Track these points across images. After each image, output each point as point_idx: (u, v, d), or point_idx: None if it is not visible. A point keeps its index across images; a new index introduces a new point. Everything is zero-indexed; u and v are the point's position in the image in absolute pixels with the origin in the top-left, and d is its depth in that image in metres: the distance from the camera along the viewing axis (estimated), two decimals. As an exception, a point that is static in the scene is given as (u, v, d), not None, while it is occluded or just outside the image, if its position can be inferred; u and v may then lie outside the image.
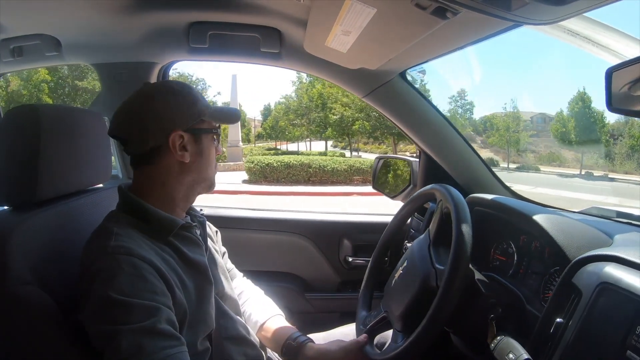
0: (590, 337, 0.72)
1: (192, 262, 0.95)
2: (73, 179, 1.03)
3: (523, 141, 28.47)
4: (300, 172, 15.45)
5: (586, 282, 0.76)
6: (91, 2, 1.31)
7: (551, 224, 0.97)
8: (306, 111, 30.25)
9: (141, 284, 0.78)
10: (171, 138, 0.93)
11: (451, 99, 32.15)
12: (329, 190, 13.74)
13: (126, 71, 1.65)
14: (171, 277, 0.85)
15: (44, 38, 1.54)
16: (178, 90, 0.98)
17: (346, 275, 1.84)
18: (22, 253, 0.83)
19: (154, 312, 0.76)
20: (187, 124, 0.96)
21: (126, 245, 0.81)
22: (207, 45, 1.54)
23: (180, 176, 0.97)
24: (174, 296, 0.84)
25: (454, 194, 1.00)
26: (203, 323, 0.93)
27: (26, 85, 23.79)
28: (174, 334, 0.78)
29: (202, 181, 1.02)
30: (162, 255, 0.88)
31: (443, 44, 1.18)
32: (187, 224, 0.97)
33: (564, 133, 25.72)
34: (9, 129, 0.91)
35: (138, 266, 0.79)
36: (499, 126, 28.56)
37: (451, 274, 0.85)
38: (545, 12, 0.74)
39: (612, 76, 0.77)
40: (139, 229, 0.89)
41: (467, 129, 31.08)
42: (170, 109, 0.95)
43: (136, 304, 0.75)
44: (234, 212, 1.87)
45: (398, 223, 1.30)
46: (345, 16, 1.00)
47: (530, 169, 25.63)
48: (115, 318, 0.74)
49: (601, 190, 18.27)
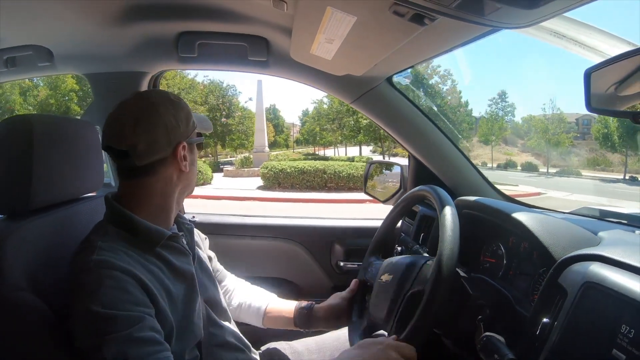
0: (576, 336, 0.72)
1: (179, 271, 0.95)
2: (66, 187, 1.04)
3: (564, 144, 27.51)
4: (315, 178, 15.29)
5: (571, 282, 0.76)
6: (82, 13, 1.33)
7: (536, 225, 0.97)
8: (337, 116, 30.17)
9: (122, 296, 0.79)
10: (179, 149, 0.95)
11: (491, 101, 31.75)
12: (342, 197, 13.39)
13: (117, 81, 1.66)
14: (155, 289, 0.85)
15: (36, 49, 1.56)
16: (176, 102, 0.98)
17: (338, 279, 1.85)
18: (16, 260, 0.84)
19: (137, 321, 0.77)
20: (187, 135, 0.98)
21: (108, 259, 0.82)
22: (196, 55, 1.55)
23: (176, 186, 0.99)
24: (158, 307, 0.85)
25: (442, 196, 1.01)
26: (190, 333, 0.93)
27: (55, 94, 24.10)
28: (158, 340, 0.79)
29: (189, 188, 1.05)
30: (148, 267, 0.88)
31: (426, 49, 1.20)
32: (174, 234, 0.98)
33: (607, 134, 24.86)
34: (3, 139, 0.92)
35: (119, 279, 0.80)
36: (537, 128, 27.90)
37: (437, 280, 0.86)
38: (519, 16, 0.75)
39: (590, 77, 0.79)
40: (126, 241, 0.89)
41: (506, 132, 30.69)
42: (176, 120, 0.95)
43: (118, 315, 0.77)
44: (225, 219, 1.88)
45: (388, 226, 1.31)
46: (327, 24, 1.01)
47: (570, 173, 24.72)
48: (99, 330, 0.75)
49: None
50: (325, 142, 35.45)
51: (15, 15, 1.33)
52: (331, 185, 15.13)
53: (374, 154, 34.97)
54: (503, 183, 17.30)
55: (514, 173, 25.75)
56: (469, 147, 30.89)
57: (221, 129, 28.18)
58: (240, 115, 30.31)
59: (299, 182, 15.27)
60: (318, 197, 13.37)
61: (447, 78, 29.73)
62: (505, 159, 29.96)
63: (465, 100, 32.28)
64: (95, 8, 1.31)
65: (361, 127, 27.71)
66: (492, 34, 1.01)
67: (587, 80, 0.78)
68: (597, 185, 21.20)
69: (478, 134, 30.80)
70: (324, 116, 32.53)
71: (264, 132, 23.54)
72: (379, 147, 31.08)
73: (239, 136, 29.85)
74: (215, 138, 28.82)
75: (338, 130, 31.24)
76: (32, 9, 1.28)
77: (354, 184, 14.85)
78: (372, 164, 1.98)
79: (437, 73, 29.39)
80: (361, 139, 30.46)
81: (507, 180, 19.56)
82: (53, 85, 24.32)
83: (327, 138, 33.92)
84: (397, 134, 1.64)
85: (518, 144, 31.24)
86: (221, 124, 28.10)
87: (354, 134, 30.26)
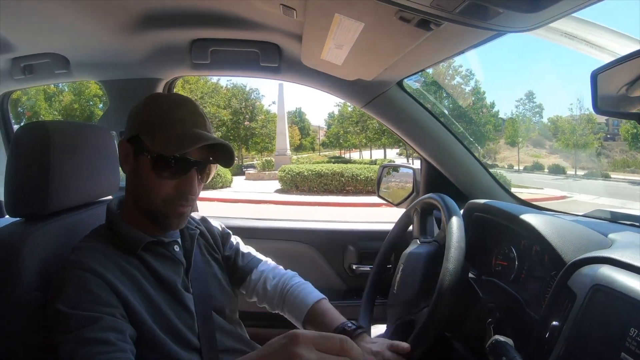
0: (585, 339, 0.71)
1: (163, 278, 0.95)
2: (82, 192, 1.07)
3: (592, 145, 26.46)
4: (332, 182, 15.13)
5: (580, 285, 0.76)
6: (98, 22, 1.37)
7: (547, 227, 0.97)
8: (360, 118, 30.22)
9: (84, 296, 0.80)
10: (120, 142, 0.96)
11: (519, 101, 31.24)
12: (358, 201, 13.18)
13: (132, 87, 1.70)
14: (127, 291, 0.86)
15: (53, 57, 1.61)
16: (141, 102, 0.98)
17: (351, 282, 1.84)
18: (32, 262, 0.88)
19: (92, 321, 0.78)
20: (127, 134, 0.95)
21: (80, 259, 0.84)
22: (209, 61, 1.58)
23: (129, 190, 0.98)
24: (129, 308, 0.85)
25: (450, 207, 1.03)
26: (178, 336, 0.93)
27: (79, 99, 24.89)
28: (111, 341, 0.77)
29: (144, 207, 0.95)
30: (125, 269, 0.89)
31: (435, 52, 1.20)
32: (158, 240, 0.97)
33: (636, 135, 24.24)
34: (21, 145, 0.95)
35: (85, 279, 0.82)
36: (564, 129, 27.12)
37: (439, 295, 0.88)
38: (522, 20, 0.75)
39: (597, 78, 0.78)
40: (109, 242, 0.92)
41: (533, 133, 30.02)
42: (134, 113, 0.97)
43: (75, 314, 0.78)
44: (238, 222, 1.89)
45: (399, 230, 1.31)
46: (336, 31, 1.03)
47: (599, 176, 23.67)
48: (58, 328, 0.78)
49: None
50: (349, 145, 35.34)
51: (32, 24, 1.38)
52: (349, 189, 14.99)
53: (400, 156, 34.72)
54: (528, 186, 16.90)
55: (541, 175, 25.12)
56: (496, 149, 30.31)
57: (244, 132, 28.50)
58: (263, 118, 30.62)
59: (316, 186, 15.16)
60: (334, 200, 13.28)
61: (470, 78, 29.30)
62: (532, 161, 29.26)
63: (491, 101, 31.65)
64: (111, 17, 1.35)
65: (385, 130, 27.50)
66: (499, 37, 1.01)
67: (593, 81, 0.78)
68: (627, 188, 20.36)
69: (504, 136, 30.20)
70: (347, 119, 32.49)
71: (286, 136, 23.73)
72: (405, 150, 30.77)
73: (262, 139, 30.15)
74: (239, 141, 29.12)
75: (362, 133, 31.13)
76: (49, 18, 1.33)
77: (372, 187, 14.35)
78: (385, 168, 1.98)
79: (459, 73, 28.99)
80: (385, 141, 30.28)
81: (533, 183, 19.10)
82: (77, 91, 24.99)
83: (351, 141, 33.83)
84: (409, 137, 1.64)
85: (546, 146, 30.49)
86: (244, 127, 28.42)
87: (378, 137, 30.13)
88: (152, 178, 0.91)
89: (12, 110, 2.12)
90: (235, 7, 1.36)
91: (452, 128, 1.59)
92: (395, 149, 37.38)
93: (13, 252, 0.86)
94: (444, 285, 0.87)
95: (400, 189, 1.89)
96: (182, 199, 0.94)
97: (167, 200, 0.93)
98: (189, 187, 0.93)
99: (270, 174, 20.10)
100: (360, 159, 32.25)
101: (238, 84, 30.03)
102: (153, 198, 0.93)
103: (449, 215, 0.99)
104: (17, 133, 0.98)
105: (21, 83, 1.82)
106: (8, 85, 1.90)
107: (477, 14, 0.74)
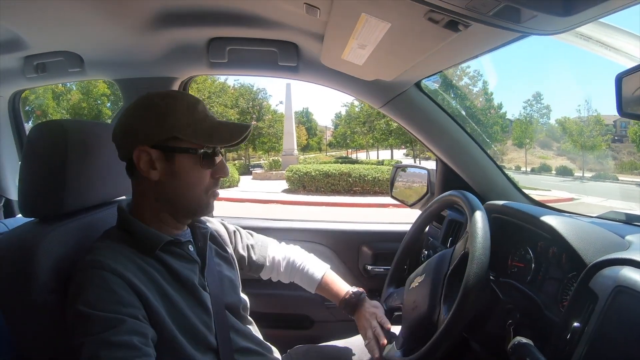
0: (607, 341, 0.71)
1: (181, 277, 0.95)
2: (98, 192, 1.07)
3: (600, 147, 26.25)
4: (340, 182, 15.05)
5: (602, 286, 0.76)
6: (113, 20, 1.35)
7: (566, 229, 0.97)
8: (368, 119, 30.10)
9: (106, 296, 0.80)
10: (135, 153, 0.91)
11: (526, 102, 30.96)
12: (365, 202, 13.05)
13: (147, 86, 1.67)
14: (148, 291, 0.86)
15: (66, 55, 1.59)
16: (155, 104, 0.94)
17: (366, 283, 1.84)
18: (48, 262, 0.87)
19: (115, 324, 0.78)
20: (153, 140, 0.92)
21: (100, 259, 0.84)
22: (227, 60, 1.57)
23: (156, 195, 0.96)
24: (150, 309, 0.85)
25: (473, 203, 1.02)
26: (199, 339, 0.94)
27: (87, 98, 24.95)
28: (136, 345, 0.78)
29: (180, 205, 0.97)
30: (144, 269, 0.89)
31: (457, 54, 1.19)
32: (175, 240, 0.98)
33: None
34: (36, 145, 0.95)
35: (106, 279, 0.82)
36: (572, 131, 26.82)
37: (464, 295, 0.87)
38: (554, 23, 0.75)
39: (622, 81, 0.79)
40: (126, 243, 0.91)
41: (541, 135, 29.76)
42: (136, 123, 0.93)
43: (98, 315, 0.78)
44: (254, 222, 1.89)
45: (416, 231, 1.31)
46: (360, 30, 1.02)
47: (607, 178, 23.58)
48: (80, 330, 0.77)
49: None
50: (356, 145, 35.23)
51: (46, 22, 1.36)
52: (357, 189, 14.91)
53: (407, 157, 34.55)
54: (535, 188, 16.76)
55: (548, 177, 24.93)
56: (503, 151, 30.12)
57: (252, 132, 28.53)
58: (270, 118, 30.62)
59: (323, 186, 15.11)
60: (342, 200, 13.23)
61: (477, 79, 29.14)
62: (540, 162, 29.04)
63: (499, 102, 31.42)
64: (126, 15, 1.33)
65: (392, 130, 27.45)
66: (522, 39, 1.01)
67: (618, 85, 0.78)
68: (635, 190, 20.23)
69: (512, 137, 30.00)
70: (354, 119, 32.38)
71: (293, 135, 23.71)
72: (412, 150, 30.61)
73: (269, 139, 30.17)
74: (246, 141, 29.05)
75: (369, 134, 31.00)
76: (64, 16, 1.31)
77: (379, 187, 14.52)
78: (399, 168, 1.97)
79: (466, 74, 28.85)
80: (392, 142, 30.13)
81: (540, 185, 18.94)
82: (85, 89, 25.00)
83: (358, 141, 33.72)
84: (425, 138, 1.64)
85: (553, 147, 30.25)
86: (252, 127, 28.48)
87: (385, 137, 30.00)
88: (195, 173, 0.95)
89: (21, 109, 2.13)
90: (256, 6, 1.35)
91: (468, 129, 1.58)
92: (402, 150, 37.25)
93: (28, 253, 0.86)
94: (469, 285, 0.86)
95: (414, 190, 1.89)
96: (218, 184, 1.02)
97: (208, 190, 0.99)
98: (224, 171, 1.01)
99: (277, 174, 20.09)
100: (367, 160, 32.12)
101: (245, 83, 30.16)
102: (197, 192, 0.97)
103: (472, 210, 0.98)
104: (31, 132, 0.97)
105: (33, 81, 1.81)
106: (20, 84, 1.89)
107: (511, 16, 0.74)
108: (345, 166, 16.25)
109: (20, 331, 0.89)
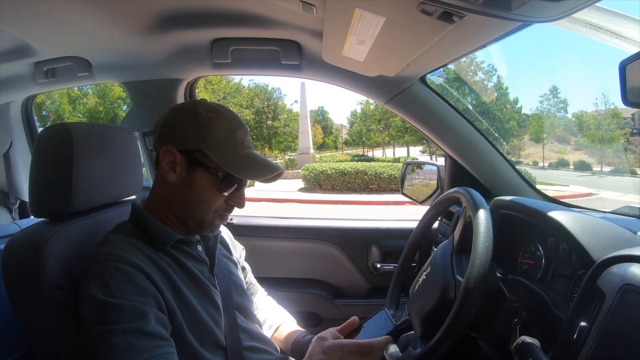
0: (614, 341, 0.69)
1: (192, 274, 0.97)
2: (105, 192, 1.09)
3: (618, 141, 25.68)
4: (356, 180, 15.09)
5: (609, 284, 0.73)
6: (119, 24, 1.39)
7: (575, 225, 0.94)
8: (383, 116, 30.05)
9: (130, 288, 0.81)
10: (163, 150, 0.95)
11: (542, 97, 30.31)
12: (381, 199, 12.98)
13: (154, 88, 1.73)
14: (162, 283, 0.87)
15: (75, 60, 1.64)
16: (199, 113, 0.96)
17: (375, 281, 1.85)
18: (57, 260, 0.90)
19: (144, 314, 0.79)
20: (183, 145, 0.95)
21: (116, 252, 0.85)
22: (230, 60, 1.59)
23: (168, 196, 0.99)
24: (165, 300, 0.86)
25: (476, 199, 0.99)
26: (206, 334, 0.95)
27: (103, 102, 25.39)
28: (163, 335, 0.80)
29: (188, 215, 0.99)
30: (157, 262, 0.91)
31: (458, 46, 1.18)
32: (185, 239, 0.99)
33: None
34: (45, 147, 0.97)
35: (126, 271, 0.83)
36: (589, 124, 26.32)
37: (466, 289, 0.84)
38: (548, 9, 0.72)
39: (626, 69, 0.75)
40: (137, 237, 0.93)
41: (558, 129, 29.40)
42: (176, 123, 0.96)
43: (126, 305, 0.79)
44: (262, 221, 1.91)
45: (424, 228, 1.29)
46: (357, 26, 1.01)
47: (626, 172, 22.86)
48: (107, 319, 0.77)
49: None
50: (372, 143, 35.12)
51: (53, 28, 1.40)
52: (373, 187, 14.89)
53: (423, 154, 34.29)
54: (553, 183, 16.44)
55: (566, 172, 24.44)
56: (520, 146, 29.63)
57: (267, 131, 28.70)
58: (286, 117, 30.73)
59: (339, 184, 15.12)
60: (358, 199, 13.20)
61: (492, 74, 28.64)
62: (557, 157, 28.46)
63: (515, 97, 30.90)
64: (131, 18, 1.37)
65: (408, 127, 27.17)
66: (523, 28, 0.98)
67: (622, 72, 0.75)
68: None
69: (529, 132, 29.46)
70: (370, 117, 32.28)
71: (309, 134, 23.85)
72: (428, 147, 30.39)
73: (285, 138, 30.27)
74: (262, 141, 29.34)
75: (385, 131, 30.87)
76: (70, 21, 1.34)
77: (395, 185, 14.27)
78: (408, 165, 1.96)
79: (481, 69, 28.36)
80: (408, 139, 29.90)
81: (558, 180, 18.58)
82: (101, 93, 25.43)
83: (374, 139, 33.61)
84: (432, 133, 1.62)
85: (571, 142, 29.56)
86: (267, 126, 28.62)
87: (401, 134, 29.80)
88: (209, 193, 0.97)
89: (37, 114, 2.18)
90: (255, 6, 1.36)
91: (476, 124, 1.56)
92: (418, 147, 36.92)
93: (37, 250, 0.88)
94: (470, 284, 0.84)
95: (424, 187, 1.87)
96: (230, 211, 1.03)
97: (217, 212, 0.99)
98: (240, 202, 1.02)
99: (293, 173, 20.16)
100: (384, 157, 31.98)
101: (260, 83, 30.27)
102: (206, 210, 0.98)
103: (475, 209, 0.95)
104: (40, 135, 1.00)
105: (44, 87, 1.86)
106: (32, 89, 1.95)
107: (501, 4, 0.72)
108: (361, 164, 16.24)
109: (30, 326, 0.92)
